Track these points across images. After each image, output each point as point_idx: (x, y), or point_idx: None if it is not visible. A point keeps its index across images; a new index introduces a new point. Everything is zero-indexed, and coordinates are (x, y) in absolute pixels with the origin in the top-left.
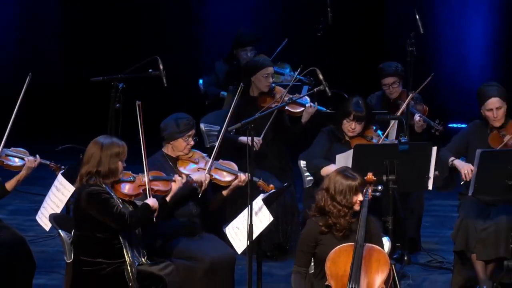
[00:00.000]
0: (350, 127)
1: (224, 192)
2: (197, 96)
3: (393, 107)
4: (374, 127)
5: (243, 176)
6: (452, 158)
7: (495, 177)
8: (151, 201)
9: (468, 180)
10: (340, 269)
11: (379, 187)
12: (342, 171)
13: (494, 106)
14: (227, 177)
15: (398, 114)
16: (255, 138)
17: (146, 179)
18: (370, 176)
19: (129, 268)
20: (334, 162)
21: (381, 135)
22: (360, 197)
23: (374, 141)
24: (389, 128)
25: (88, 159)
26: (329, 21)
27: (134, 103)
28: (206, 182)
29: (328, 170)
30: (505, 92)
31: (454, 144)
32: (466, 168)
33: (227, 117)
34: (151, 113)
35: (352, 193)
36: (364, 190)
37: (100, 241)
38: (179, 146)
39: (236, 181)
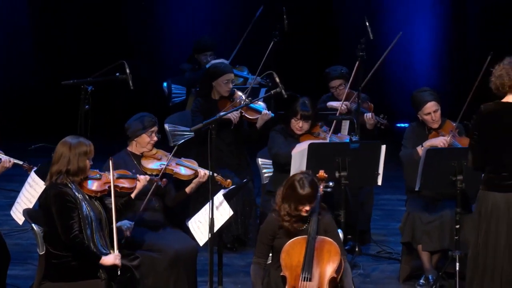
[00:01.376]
0: (298, 125)
1: (187, 189)
2: (161, 98)
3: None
4: (320, 124)
5: (202, 172)
6: (419, 146)
7: (440, 173)
8: (106, 259)
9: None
10: (294, 260)
11: (330, 184)
12: (298, 180)
13: (431, 110)
14: (187, 172)
15: (347, 114)
16: (234, 112)
17: (111, 177)
18: (321, 173)
19: None
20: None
21: (326, 130)
22: (307, 207)
23: (321, 135)
24: (333, 126)
25: (57, 159)
26: (285, 28)
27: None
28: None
29: (298, 148)
30: (438, 95)
31: (406, 146)
32: (441, 140)
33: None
34: (118, 114)
35: (299, 203)
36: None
37: None
38: (142, 142)
39: (197, 178)
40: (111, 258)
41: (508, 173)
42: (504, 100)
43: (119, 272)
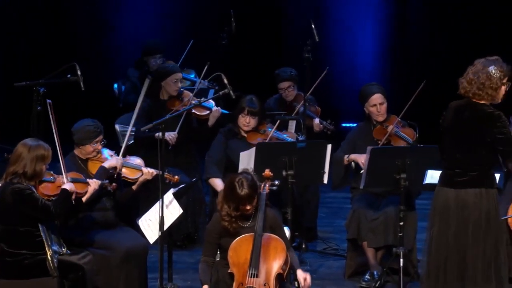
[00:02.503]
0: (245, 121)
1: (134, 187)
2: (111, 99)
3: (290, 108)
4: (267, 122)
5: (145, 170)
6: (347, 155)
7: (384, 171)
8: (68, 186)
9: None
10: (241, 257)
11: (276, 182)
12: (237, 180)
13: (377, 102)
14: (134, 174)
15: (294, 114)
16: (171, 133)
17: (65, 180)
18: (267, 172)
19: (50, 258)
20: (237, 159)
21: (270, 130)
22: (247, 207)
23: (267, 133)
24: (276, 125)
25: (15, 160)
26: (233, 31)
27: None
28: (119, 164)
29: (213, 182)
30: (385, 90)
31: (343, 148)
32: (362, 158)
33: (134, 117)
34: (69, 115)
35: (239, 204)
36: (262, 185)
37: (22, 234)
38: (87, 150)
39: (142, 176)
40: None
41: (462, 170)
42: (474, 100)
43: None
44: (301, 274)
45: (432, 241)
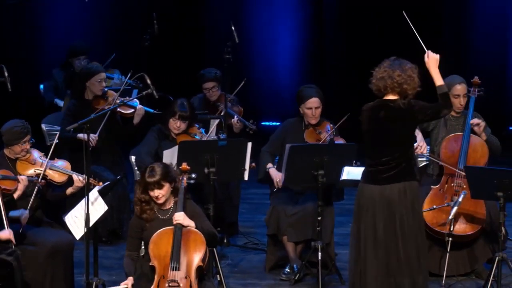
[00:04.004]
0: (176, 125)
1: (68, 191)
2: (38, 100)
3: (213, 108)
4: (197, 126)
5: (76, 177)
6: (269, 165)
7: (303, 168)
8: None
9: (279, 187)
10: (162, 250)
11: (193, 175)
12: (149, 166)
13: (313, 106)
14: (61, 178)
15: (217, 114)
16: (92, 135)
17: None
18: (184, 165)
19: None
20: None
21: (203, 133)
22: (155, 193)
23: (197, 137)
24: (212, 128)
25: None
26: (155, 32)
27: None
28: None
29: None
30: (323, 96)
31: (272, 142)
32: (277, 177)
33: (63, 118)
34: None
35: (147, 188)
36: (180, 178)
37: None
38: (15, 150)
39: (74, 184)
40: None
41: (384, 166)
42: (384, 98)
43: None
44: None
45: (359, 236)
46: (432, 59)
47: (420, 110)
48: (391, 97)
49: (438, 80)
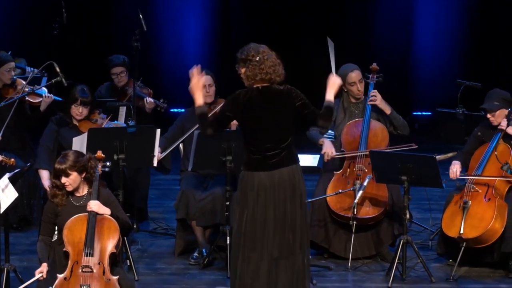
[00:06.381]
0: (78, 111)
1: None
2: None
3: (122, 94)
4: (98, 111)
5: None
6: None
7: (211, 154)
8: None
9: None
10: (76, 236)
11: (108, 163)
12: (63, 153)
13: (206, 83)
14: None
15: (126, 100)
16: None
17: None
18: (99, 153)
19: None
20: (70, 147)
21: (104, 117)
22: (63, 181)
23: (99, 122)
24: (120, 115)
25: None
26: (64, 21)
27: None
28: None
29: (41, 173)
30: (213, 74)
31: (171, 131)
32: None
33: None
34: None
35: (56, 175)
36: (94, 166)
37: None
38: None
39: None
40: None
41: (271, 152)
42: (256, 85)
43: None
44: None
45: (246, 222)
46: (335, 82)
47: (297, 96)
48: (272, 84)
49: (330, 97)
